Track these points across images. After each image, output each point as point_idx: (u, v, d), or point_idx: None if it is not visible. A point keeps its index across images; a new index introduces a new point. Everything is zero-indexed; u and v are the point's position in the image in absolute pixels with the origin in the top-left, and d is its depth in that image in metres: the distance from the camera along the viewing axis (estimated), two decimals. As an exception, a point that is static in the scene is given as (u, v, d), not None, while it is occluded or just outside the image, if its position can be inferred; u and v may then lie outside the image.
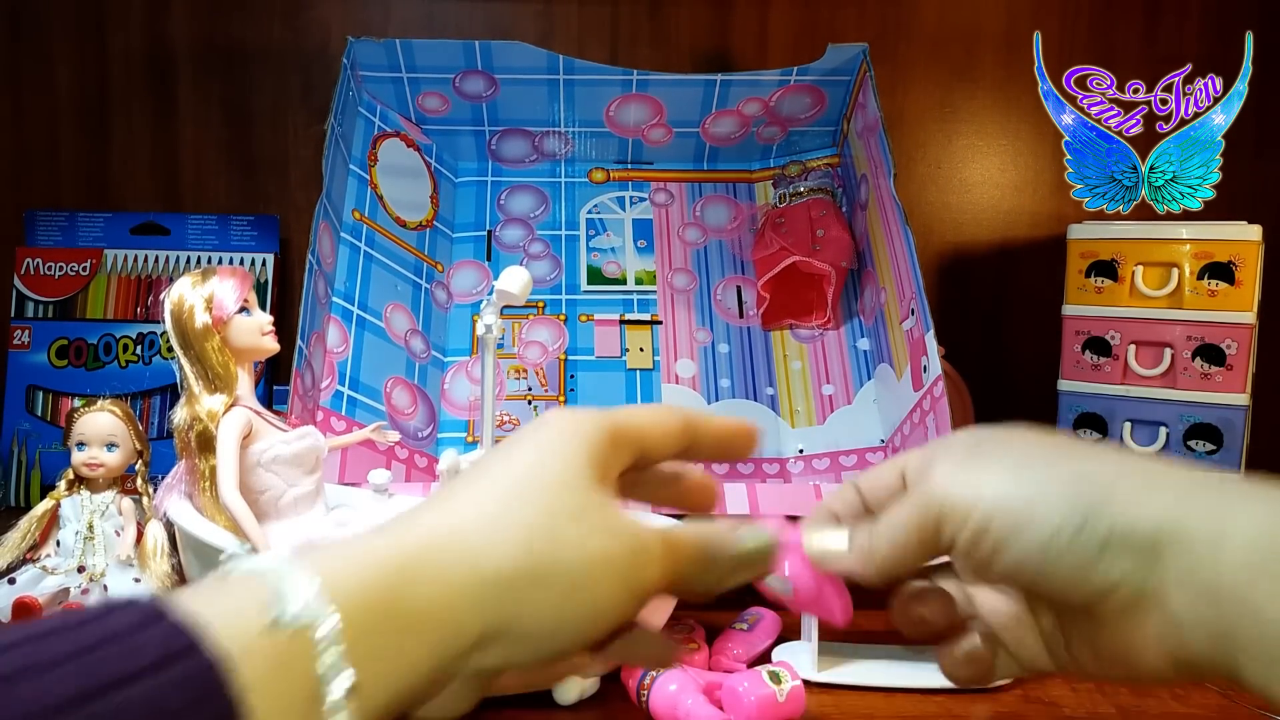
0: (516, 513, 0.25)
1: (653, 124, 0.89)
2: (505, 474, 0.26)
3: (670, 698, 0.46)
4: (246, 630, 0.19)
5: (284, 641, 0.20)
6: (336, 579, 0.22)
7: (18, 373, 0.89)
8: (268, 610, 0.20)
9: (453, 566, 0.24)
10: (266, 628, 0.20)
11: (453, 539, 0.24)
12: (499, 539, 0.24)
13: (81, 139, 0.95)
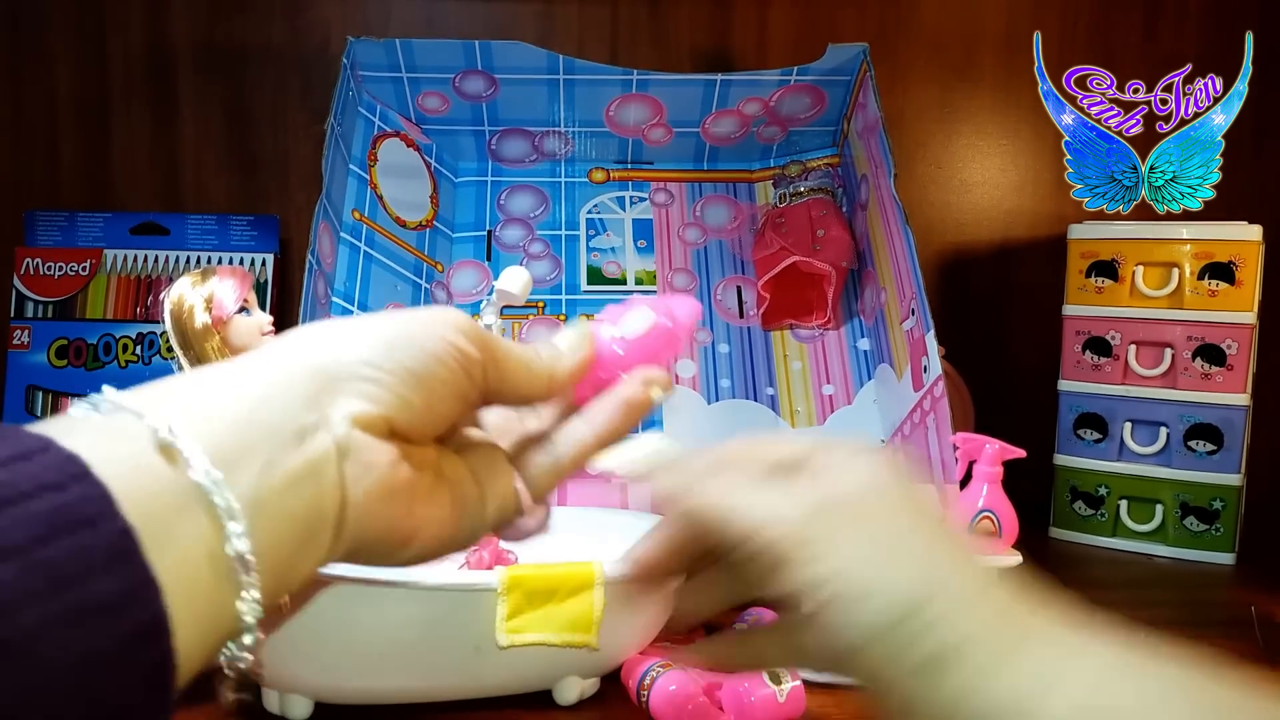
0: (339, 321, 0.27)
1: (653, 124, 0.89)
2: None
3: (670, 698, 0.46)
4: (81, 428, 0.21)
5: (109, 425, 0.22)
6: (154, 386, 0.24)
7: (17, 373, 0.89)
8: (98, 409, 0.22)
9: (274, 348, 0.26)
10: (95, 418, 0.22)
11: (278, 340, 0.26)
12: (313, 327, 0.27)
13: (81, 139, 0.95)
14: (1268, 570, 0.74)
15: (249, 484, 0.22)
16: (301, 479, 0.23)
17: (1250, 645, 0.57)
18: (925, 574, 0.25)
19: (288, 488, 0.23)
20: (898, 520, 0.27)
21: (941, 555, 0.26)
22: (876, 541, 0.26)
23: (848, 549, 0.26)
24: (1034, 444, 0.63)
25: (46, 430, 0.20)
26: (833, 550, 0.26)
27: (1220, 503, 0.75)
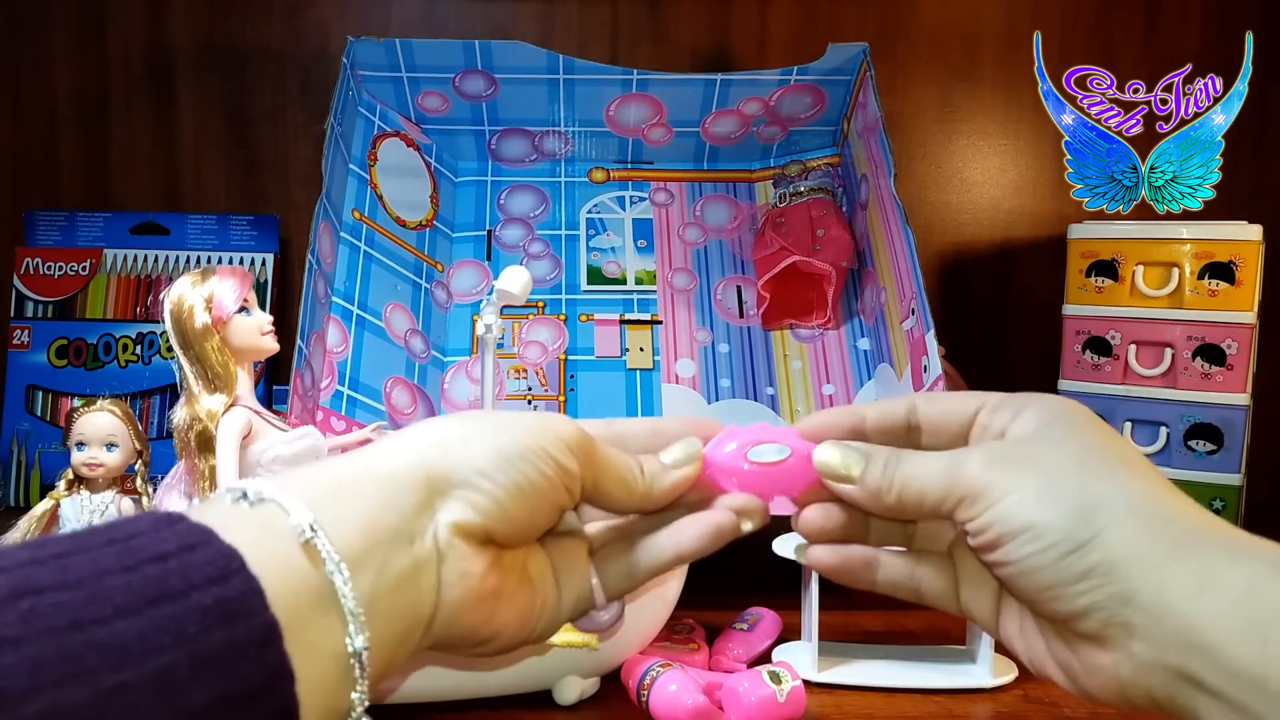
0: (446, 419, 0.30)
1: (653, 123, 0.89)
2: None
3: (670, 698, 0.46)
4: (236, 519, 0.23)
5: (254, 510, 0.23)
6: (290, 478, 0.26)
7: (17, 372, 0.89)
8: (231, 496, 0.24)
9: (395, 449, 0.28)
10: (244, 509, 0.24)
11: (385, 440, 0.28)
12: (432, 426, 0.29)
13: (81, 139, 0.95)
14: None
15: (367, 584, 0.24)
16: (406, 580, 0.25)
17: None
18: (1079, 502, 0.27)
19: (395, 588, 0.25)
20: (1059, 455, 0.28)
21: (1097, 482, 0.27)
22: (1039, 479, 0.28)
23: (1012, 493, 0.28)
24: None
25: (205, 518, 0.22)
26: (1000, 495, 0.28)
27: (1220, 503, 0.75)
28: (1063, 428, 0.30)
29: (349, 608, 0.23)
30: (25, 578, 0.18)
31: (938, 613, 0.36)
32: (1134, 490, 0.27)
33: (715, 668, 0.54)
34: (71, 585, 0.19)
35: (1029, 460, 0.29)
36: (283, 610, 0.21)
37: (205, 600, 0.20)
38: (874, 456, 0.31)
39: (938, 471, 0.30)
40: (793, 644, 0.56)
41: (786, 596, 0.56)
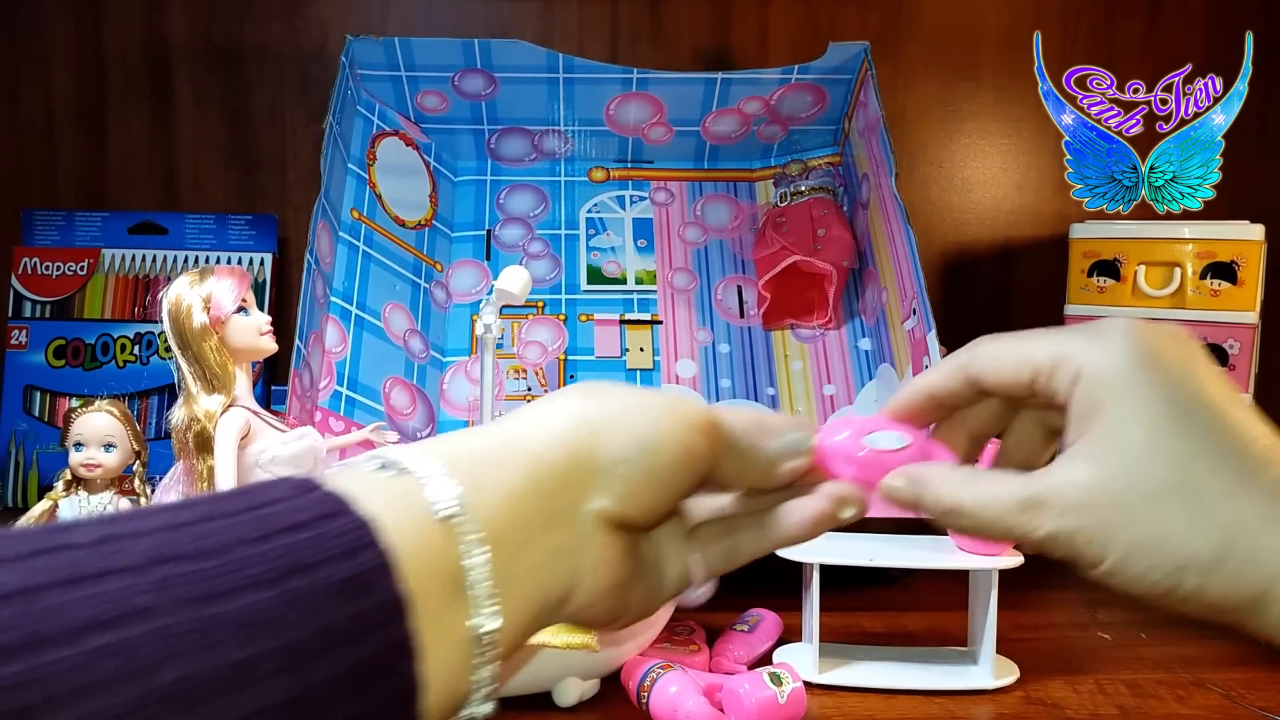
0: (583, 391, 0.29)
1: (653, 123, 0.89)
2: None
3: (671, 699, 0.46)
4: (362, 480, 0.23)
5: (394, 478, 0.23)
6: (433, 447, 0.25)
7: (15, 373, 0.88)
8: (374, 464, 0.23)
9: (536, 425, 0.27)
10: (378, 472, 0.23)
11: (521, 416, 0.28)
12: (569, 402, 0.28)
13: (79, 138, 0.95)
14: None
15: (504, 565, 0.23)
16: (544, 565, 0.25)
17: (1251, 645, 0.57)
18: (1174, 556, 0.25)
19: (531, 572, 0.24)
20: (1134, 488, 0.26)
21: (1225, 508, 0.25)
22: (1126, 536, 0.26)
23: (1105, 560, 0.26)
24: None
25: (342, 486, 0.22)
26: (1092, 561, 0.26)
27: (1222, 503, 0.75)
28: (1125, 434, 0.26)
29: (483, 588, 0.22)
30: (163, 544, 0.19)
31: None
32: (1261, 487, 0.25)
33: (716, 669, 0.53)
34: (206, 554, 0.19)
35: (1101, 514, 0.26)
36: (414, 585, 0.21)
37: (336, 574, 0.20)
38: (923, 488, 0.30)
39: (999, 524, 0.28)
40: (793, 645, 0.55)
41: (787, 598, 0.56)
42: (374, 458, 0.24)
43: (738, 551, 0.31)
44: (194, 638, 0.17)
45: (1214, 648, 0.57)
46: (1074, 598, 0.67)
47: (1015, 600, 0.61)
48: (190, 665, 0.17)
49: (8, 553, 0.17)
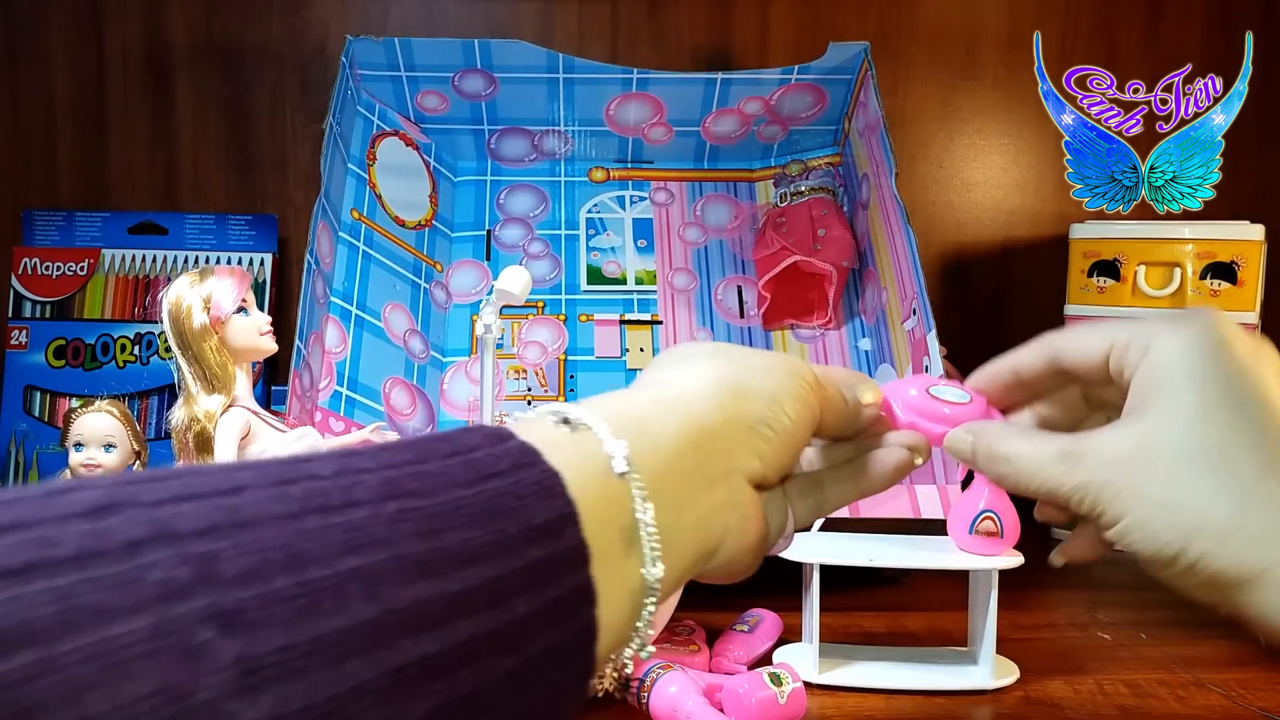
0: (716, 352, 0.31)
1: (653, 123, 0.89)
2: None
3: (670, 699, 0.46)
4: (542, 434, 0.24)
5: (573, 435, 0.25)
6: (600, 406, 0.26)
7: (15, 373, 0.88)
8: (554, 419, 0.25)
9: (690, 385, 0.29)
10: (559, 426, 0.25)
11: (665, 380, 0.30)
12: (714, 364, 0.30)
13: (79, 138, 0.95)
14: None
15: (669, 520, 0.25)
16: (702, 522, 0.27)
17: (1250, 645, 0.57)
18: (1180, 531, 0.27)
19: (692, 528, 0.26)
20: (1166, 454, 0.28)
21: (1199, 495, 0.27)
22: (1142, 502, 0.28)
23: (1120, 520, 0.28)
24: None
25: (531, 437, 0.24)
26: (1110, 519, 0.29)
27: (1222, 503, 0.75)
28: (1179, 399, 0.28)
29: (652, 542, 0.24)
30: (390, 481, 0.20)
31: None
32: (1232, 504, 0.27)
33: (716, 669, 0.53)
34: (426, 494, 0.21)
35: (1132, 470, 0.28)
36: (592, 536, 0.22)
37: (534, 520, 0.21)
38: (978, 438, 0.32)
39: (1037, 476, 0.30)
40: (793, 645, 0.55)
41: (787, 598, 0.56)
42: (554, 413, 0.26)
43: (825, 503, 0.33)
44: (422, 568, 0.19)
45: (1214, 648, 0.57)
46: (1074, 598, 0.67)
47: (1015, 600, 0.61)
48: (423, 592, 0.19)
49: (259, 480, 0.19)
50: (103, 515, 0.17)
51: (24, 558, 0.16)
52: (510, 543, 0.21)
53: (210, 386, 0.53)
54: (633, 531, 0.24)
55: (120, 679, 0.15)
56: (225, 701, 0.16)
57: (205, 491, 0.18)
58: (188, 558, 0.17)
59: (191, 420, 0.53)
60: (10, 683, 0.14)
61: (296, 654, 0.17)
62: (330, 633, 0.17)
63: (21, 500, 0.17)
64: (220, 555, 0.17)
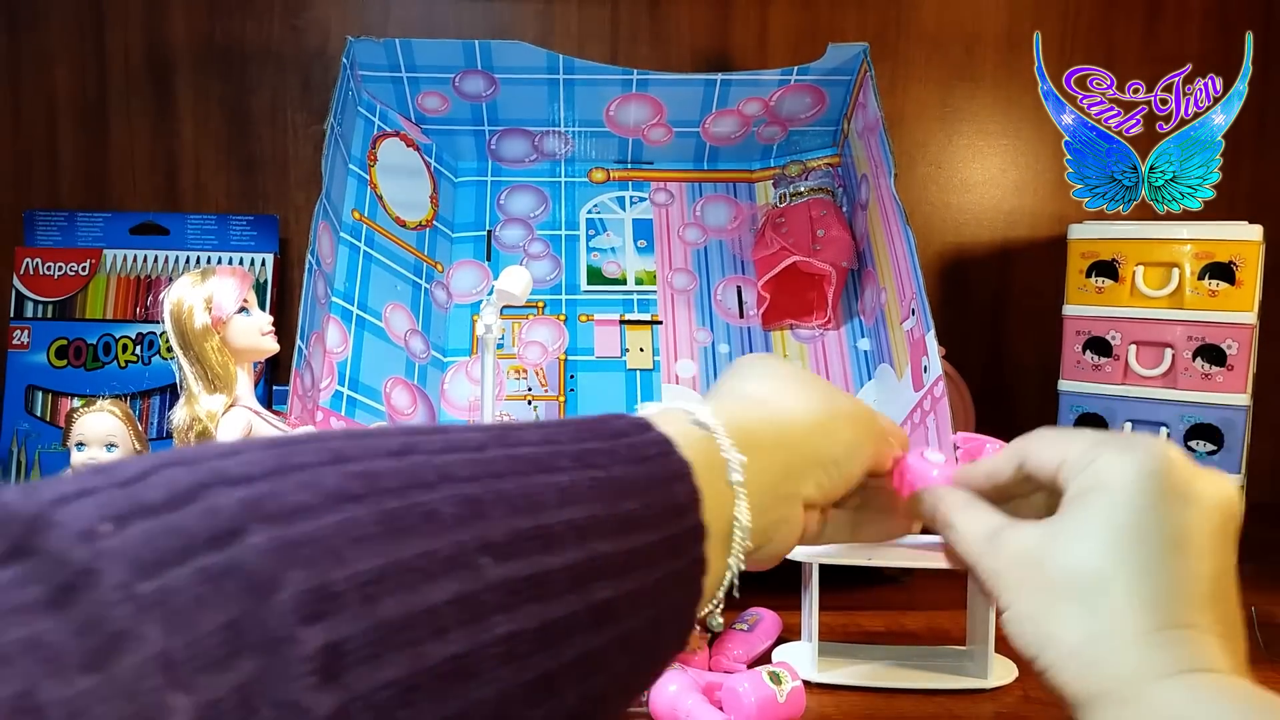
0: (810, 386, 0.36)
1: (653, 124, 0.89)
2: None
3: (670, 698, 0.46)
4: (674, 427, 0.29)
5: (699, 436, 0.30)
6: (723, 414, 0.31)
7: (17, 373, 0.89)
8: (682, 418, 0.30)
9: (796, 415, 0.34)
10: (684, 426, 0.30)
11: (771, 399, 0.34)
12: (816, 398, 0.35)
13: (80, 138, 0.95)
14: (1268, 570, 0.74)
15: (754, 520, 0.30)
16: (765, 529, 0.31)
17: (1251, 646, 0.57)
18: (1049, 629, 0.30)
19: (758, 530, 0.31)
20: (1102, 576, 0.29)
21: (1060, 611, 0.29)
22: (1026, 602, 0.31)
23: (1007, 610, 0.31)
24: (1034, 444, 0.63)
25: (669, 429, 0.29)
26: (1003, 606, 0.31)
27: (1220, 503, 0.75)
28: (1088, 517, 0.30)
29: (741, 536, 0.30)
30: (581, 454, 0.25)
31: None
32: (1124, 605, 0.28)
33: (715, 668, 0.54)
34: (605, 466, 0.26)
35: (1024, 569, 0.31)
36: (709, 519, 0.28)
37: (676, 499, 0.27)
38: (939, 502, 0.36)
39: (965, 547, 0.34)
40: (793, 644, 0.56)
41: (786, 597, 0.56)
42: (689, 413, 0.31)
43: (860, 531, 0.39)
44: (614, 526, 0.24)
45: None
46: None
47: (1014, 599, 0.61)
48: (616, 509, 0.25)
49: (496, 443, 0.24)
50: (403, 457, 0.22)
51: (362, 485, 0.20)
52: (659, 517, 0.26)
53: (212, 386, 0.54)
54: (729, 525, 0.29)
55: (428, 586, 0.19)
56: (496, 614, 0.20)
57: (463, 447, 0.23)
58: (465, 498, 0.22)
59: (193, 420, 0.53)
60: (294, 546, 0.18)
61: (537, 581, 0.21)
62: (557, 568, 0.22)
63: (339, 438, 0.22)
64: (484, 499, 0.22)
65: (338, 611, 0.18)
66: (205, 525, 0.17)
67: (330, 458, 0.21)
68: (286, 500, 0.19)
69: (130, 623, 0.16)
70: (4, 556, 0.16)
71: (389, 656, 0.18)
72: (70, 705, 0.14)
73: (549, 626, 0.21)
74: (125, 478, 0.18)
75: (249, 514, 0.18)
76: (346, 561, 0.18)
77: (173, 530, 0.17)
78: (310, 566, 0.18)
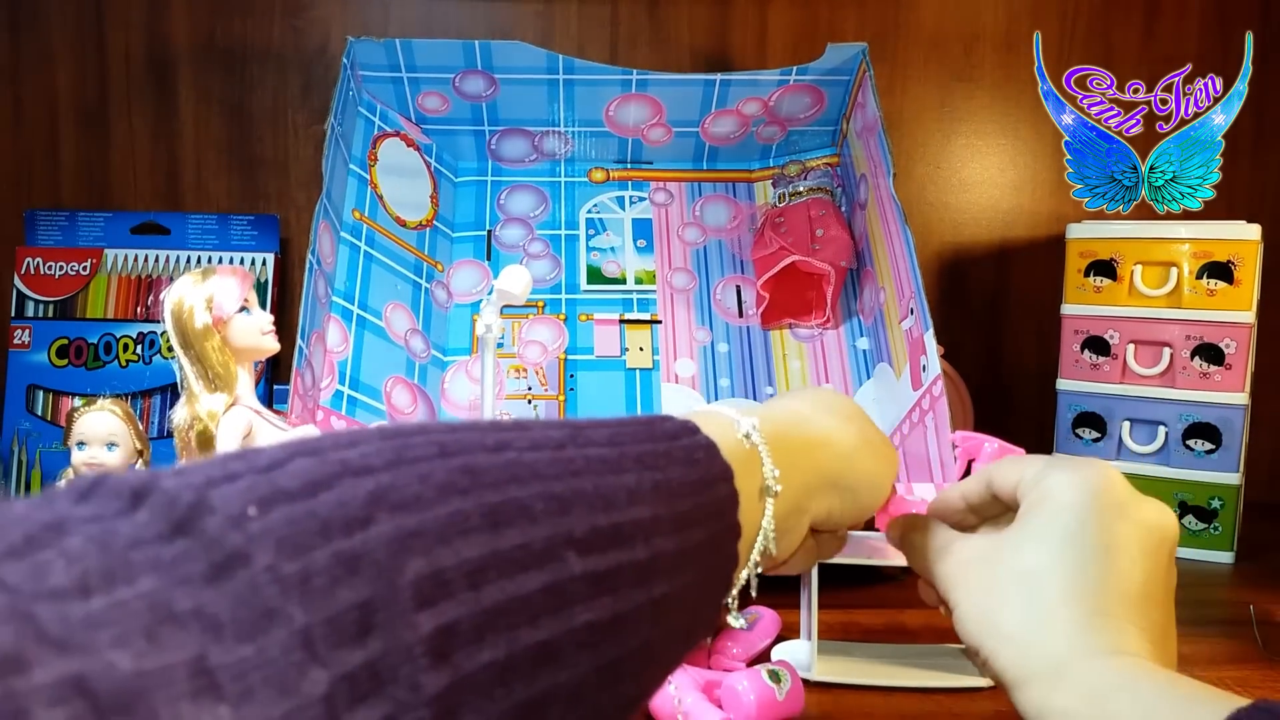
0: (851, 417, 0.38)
1: (652, 124, 0.89)
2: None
3: (669, 696, 0.46)
4: (717, 431, 0.31)
5: (741, 441, 0.31)
6: (768, 427, 0.33)
7: (18, 372, 0.89)
8: (730, 425, 0.32)
9: (829, 437, 0.35)
10: (731, 431, 0.31)
11: (812, 419, 0.36)
12: (848, 428, 0.36)
13: (82, 138, 0.95)
14: (1266, 569, 0.75)
15: (779, 510, 0.33)
16: (785, 535, 0.33)
17: (1249, 645, 0.57)
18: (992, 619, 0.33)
19: (780, 539, 0.33)
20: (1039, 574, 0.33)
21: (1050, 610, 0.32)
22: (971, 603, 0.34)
23: (956, 609, 0.35)
24: (1033, 444, 0.63)
25: (714, 434, 0.30)
26: (952, 606, 0.35)
27: (1219, 502, 0.75)
28: (1030, 523, 0.34)
29: (766, 542, 0.32)
30: (643, 456, 0.27)
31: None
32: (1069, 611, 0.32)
33: (714, 666, 0.54)
34: (662, 468, 0.27)
35: (970, 571, 0.35)
36: (742, 520, 0.30)
37: (719, 498, 0.29)
38: (903, 527, 0.39)
39: (919, 559, 0.37)
40: (792, 643, 0.56)
41: (785, 595, 0.57)
42: (737, 422, 0.32)
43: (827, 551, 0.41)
44: (670, 524, 0.26)
45: (1211, 646, 0.58)
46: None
47: (1012, 598, 0.61)
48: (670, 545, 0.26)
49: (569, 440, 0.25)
50: (498, 453, 0.23)
51: (468, 480, 0.21)
52: (707, 516, 0.28)
53: (213, 386, 0.54)
54: (756, 528, 0.31)
55: (524, 576, 0.21)
56: (578, 605, 0.22)
57: (545, 445, 0.25)
58: (552, 495, 0.23)
59: (194, 419, 0.53)
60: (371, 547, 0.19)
61: (612, 575, 0.23)
62: (626, 564, 0.23)
63: (440, 432, 0.23)
64: (567, 496, 0.23)
65: (449, 596, 0.19)
66: (340, 513, 0.19)
67: (438, 451, 0.22)
68: (406, 491, 0.20)
69: (278, 601, 0.17)
70: (170, 534, 0.17)
71: (490, 639, 0.19)
72: (233, 670, 0.16)
73: (621, 617, 0.23)
74: (264, 464, 0.20)
75: (376, 503, 0.19)
76: (457, 550, 0.20)
77: (311, 515, 0.19)
78: (426, 554, 0.19)
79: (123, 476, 0.19)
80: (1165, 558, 0.33)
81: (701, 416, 0.32)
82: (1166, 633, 0.33)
